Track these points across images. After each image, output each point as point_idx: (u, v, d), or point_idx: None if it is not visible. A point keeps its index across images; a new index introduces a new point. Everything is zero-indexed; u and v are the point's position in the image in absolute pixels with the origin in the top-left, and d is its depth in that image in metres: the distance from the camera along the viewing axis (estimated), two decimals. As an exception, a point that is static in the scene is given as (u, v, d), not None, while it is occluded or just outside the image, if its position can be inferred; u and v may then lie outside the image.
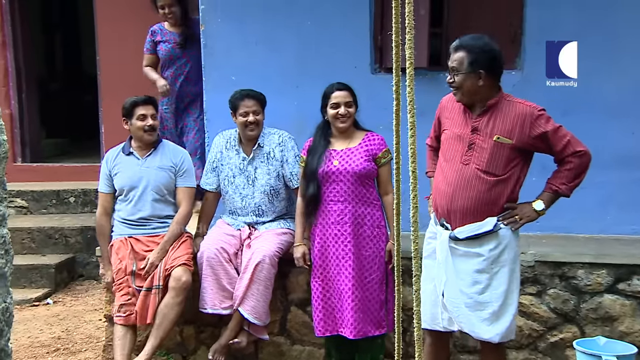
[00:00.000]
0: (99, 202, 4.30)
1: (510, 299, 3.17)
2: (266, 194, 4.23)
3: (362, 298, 3.81)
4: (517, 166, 3.15)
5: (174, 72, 5.19)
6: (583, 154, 3.12)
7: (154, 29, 5.27)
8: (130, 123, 4.17)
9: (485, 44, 3.10)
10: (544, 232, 4.58)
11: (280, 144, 4.24)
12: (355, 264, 3.81)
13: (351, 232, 3.82)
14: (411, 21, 1.55)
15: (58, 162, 7.29)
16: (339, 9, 4.70)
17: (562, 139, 3.10)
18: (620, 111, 4.45)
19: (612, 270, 4.06)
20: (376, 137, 3.90)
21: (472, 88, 3.10)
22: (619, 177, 4.46)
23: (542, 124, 3.09)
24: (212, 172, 4.35)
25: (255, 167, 4.24)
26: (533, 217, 3.18)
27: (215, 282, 4.07)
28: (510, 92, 4.46)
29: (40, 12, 9.35)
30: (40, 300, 5.43)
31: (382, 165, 3.87)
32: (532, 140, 3.10)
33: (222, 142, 4.35)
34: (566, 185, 3.16)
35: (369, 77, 4.65)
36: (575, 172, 3.13)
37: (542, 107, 3.16)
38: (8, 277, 1.47)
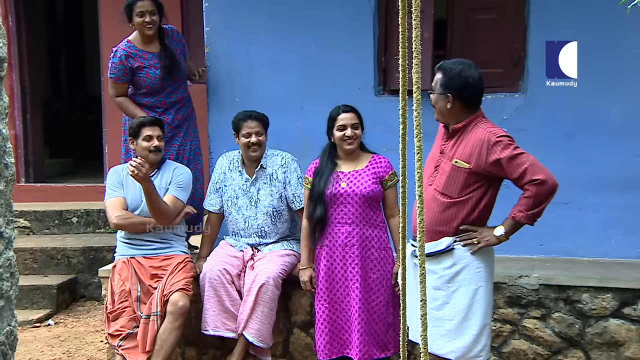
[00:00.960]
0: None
1: (472, 320, 3.13)
2: (269, 215, 4.23)
3: (368, 320, 3.80)
4: (477, 190, 3.13)
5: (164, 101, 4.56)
6: (541, 182, 3.01)
7: (127, 52, 4.49)
8: (136, 143, 4.19)
9: (462, 70, 3.12)
10: (547, 255, 4.57)
11: (283, 165, 4.25)
12: (362, 287, 3.80)
13: (359, 254, 3.82)
14: (418, 46, 1.55)
15: (61, 182, 7.30)
16: (343, 31, 4.73)
17: (518, 166, 3.03)
18: (624, 134, 4.45)
19: (617, 294, 4.04)
20: (382, 160, 3.91)
21: (442, 109, 3.18)
22: (624, 200, 4.45)
23: (497, 151, 3.04)
24: (215, 193, 4.36)
25: (258, 189, 4.24)
26: (492, 241, 3.14)
27: (217, 303, 4.05)
28: (513, 115, 4.54)
29: (46, 33, 9.43)
30: (41, 321, 5.40)
31: (388, 188, 3.88)
32: (489, 167, 3.07)
33: (225, 163, 4.37)
34: (523, 214, 3.07)
35: (372, 99, 4.67)
36: (533, 200, 3.03)
37: (506, 134, 3.10)
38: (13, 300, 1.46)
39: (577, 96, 4.49)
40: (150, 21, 4.46)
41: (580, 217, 4.53)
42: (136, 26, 4.52)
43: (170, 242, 4.26)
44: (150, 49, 4.55)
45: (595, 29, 4.38)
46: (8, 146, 1.52)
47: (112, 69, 4.55)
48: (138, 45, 4.54)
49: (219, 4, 4.83)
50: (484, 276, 3.17)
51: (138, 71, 4.51)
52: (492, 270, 3.24)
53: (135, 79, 4.54)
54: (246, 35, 4.83)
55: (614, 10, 3.07)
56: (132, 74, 4.53)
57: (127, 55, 4.50)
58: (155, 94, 4.55)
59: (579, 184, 4.51)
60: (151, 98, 4.55)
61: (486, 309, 3.17)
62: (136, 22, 4.49)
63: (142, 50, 4.53)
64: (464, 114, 3.15)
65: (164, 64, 4.50)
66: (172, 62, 4.53)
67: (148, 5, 4.47)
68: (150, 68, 4.51)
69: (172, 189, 4.21)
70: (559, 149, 4.52)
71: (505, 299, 4.19)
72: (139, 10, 4.46)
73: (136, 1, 4.47)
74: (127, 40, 4.57)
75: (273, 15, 4.80)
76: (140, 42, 4.55)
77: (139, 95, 4.58)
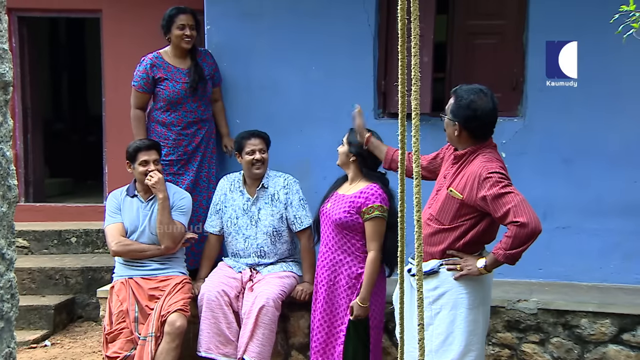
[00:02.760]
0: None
1: (452, 345, 3.10)
2: (269, 235, 4.24)
3: (324, 343, 3.79)
4: (468, 221, 3.09)
5: (181, 119, 4.54)
6: (522, 225, 2.90)
7: (152, 62, 4.52)
8: (133, 167, 4.21)
9: (472, 101, 3.07)
10: (546, 280, 4.57)
11: (285, 186, 4.28)
12: (324, 309, 3.80)
13: (326, 277, 3.80)
14: (417, 73, 1.58)
15: (61, 202, 7.29)
16: (343, 54, 4.77)
17: (502, 206, 2.94)
18: (623, 160, 4.47)
19: (616, 320, 4.03)
20: (369, 190, 3.68)
21: (450, 134, 3.19)
22: (623, 225, 4.46)
23: (485, 187, 2.98)
24: (215, 215, 4.37)
25: (259, 208, 4.26)
26: (474, 272, 3.08)
27: (213, 325, 4.04)
28: (511, 139, 4.57)
29: (49, 54, 9.50)
30: (38, 342, 5.36)
31: (366, 220, 3.66)
32: (478, 201, 3.02)
33: (226, 184, 4.39)
34: (502, 252, 2.97)
35: (372, 122, 4.68)
36: (512, 241, 2.93)
37: (499, 169, 3.01)
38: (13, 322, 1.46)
39: (575, 122, 4.53)
40: (189, 35, 4.50)
41: (579, 241, 4.54)
42: (174, 38, 4.52)
43: (169, 263, 4.27)
44: (177, 64, 4.57)
45: (593, 55, 4.43)
46: (11, 168, 1.53)
47: (136, 77, 4.57)
48: (167, 58, 4.57)
49: (221, 27, 4.88)
50: (467, 303, 3.11)
51: (159, 82, 4.52)
52: (479, 297, 3.16)
53: (156, 91, 4.55)
54: (247, 58, 4.87)
55: (611, 38, 3.11)
56: (154, 85, 4.53)
57: (152, 64, 4.53)
58: (173, 110, 4.54)
59: (578, 209, 4.53)
60: (169, 115, 4.55)
61: (468, 336, 3.10)
62: (175, 35, 4.51)
63: (168, 63, 4.56)
64: (471, 142, 3.13)
65: (192, 78, 4.50)
66: (199, 79, 4.54)
67: (189, 19, 4.51)
68: (172, 81, 4.52)
69: (174, 214, 4.23)
70: (557, 174, 4.55)
71: (504, 323, 4.19)
72: (180, 23, 4.49)
73: (178, 14, 4.51)
74: (157, 52, 4.60)
75: (274, 38, 4.85)
76: (170, 56, 4.58)
77: (157, 110, 4.59)
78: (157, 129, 4.60)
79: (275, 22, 4.83)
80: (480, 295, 3.16)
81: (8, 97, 1.53)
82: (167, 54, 4.61)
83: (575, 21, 4.45)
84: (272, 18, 4.84)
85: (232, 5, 4.87)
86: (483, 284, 3.18)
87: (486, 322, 3.29)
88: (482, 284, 3.17)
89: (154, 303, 4.07)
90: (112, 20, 6.56)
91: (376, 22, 4.74)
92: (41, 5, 6.69)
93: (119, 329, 4.00)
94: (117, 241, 4.16)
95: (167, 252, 4.20)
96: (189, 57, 4.59)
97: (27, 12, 6.71)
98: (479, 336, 3.16)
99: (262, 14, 4.84)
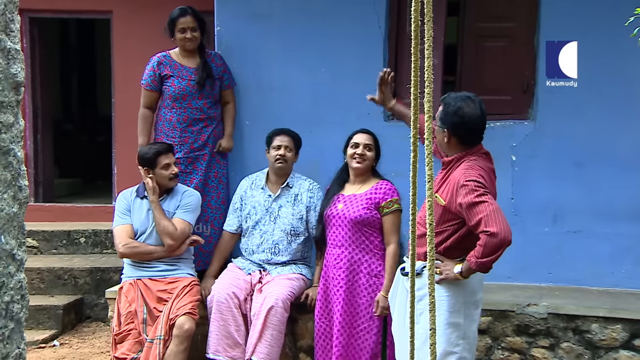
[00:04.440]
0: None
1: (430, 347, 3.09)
2: (286, 233, 4.26)
3: (347, 345, 3.79)
4: (452, 227, 3.10)
5: (186, 116, 4.58)
6: (491, 234, 2.89)
7: (159, 60, 4.61)
8: (153, 172, 4.19)
9: (459, 107, 3.09)
10: (556, 284, 4.54)
11: (310, 190, 4.32)
12: (345, 311, 3.81)
13: (344, 277, 3.82)
14: (430, 75, 1.56)
15: (70, 202, 7.31)
16: (353, 56, 4.76)
17: (475, 215, 2.94)
18: (635, 164, 4.44)
19: (627, 325, 4.00)
20: (384, 186, 3.87)
21: (440, 141, 3.20)
22: (634, 230, 4.43)
23: (461, 194, 2.99)
24: (233, 214, 4.43)
25: (280, 206, 4.29)
26: (450, 277, 3.08)
27: (222, 327, 4.04)
28: (522, 142, 4.55)
29: (59, 55, 9.53)
30: (46, 342, 5.37)
31: (385, 215, 3.82)
32: (457, 207, 3.03)
33: (247, 183, 4.45)
34: (475, 260, 2.97)
35: (381, 124, 4.68)
36: (483, 249, 2.93)
37: (476, 178, 2.99)
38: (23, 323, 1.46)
39: (587, 125, 4.50)
40: (191, 37, 4.55)
41: (590, 246, 4.51)
42: (177, 41, 4.61)
43: (177, 264, 4.26)
44: (185, 63, 4.63)
45: (604, 58, 4.40)
46: (22, 169, 1.53)
47: (144, 75, 4.65)
48: (175, 57, 4.65)
49: (231, 28, 4.88)
50: (447, 306, 3.10)
51: (166, 79, 4.59)
52: (460, 302, 3.14)
53: (163, 88, 4.61)
54: (257, 59, 4.87)
55: (625, 40, 3.08)
56: (160, 82, 4.60)
57: (159, 62, 4.61)
58: (178, 107, 4.58)
59: (588, 213, 4.50)
60: (175, 112, 4.59)
61: (448, 338, 3.10)
62: (178, 38, 4.59)
63: (175, 62, 4.62)
64: (460, 148, 3.15)
65: (200, 75, 4.56)
66: (207, 76, 4.58)
67: (190, 22, 4.56)
68: (177, 78, 4.58)
69: (179, 211, 4.23)
70: (568, 177, 4.53)
71: (514, 328, 4.16)
72: (180, 27, 4.55)
73: (178, 17, 4.56)
74: (166, 51, 4.68)
75: (284, 39, 4.84)
76: (178, 56, 4.65)
77: (164, 108, 4.64)
78: (164, 127, 4.63)
79: (285, 23, 4.83)
80: (461, 299, 3.15)
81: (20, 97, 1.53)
82: (176, 53, 4.67)
83: (587, 23, 4.42)
84: (282, 19, 4.83)
85: (242, 6, 4.87)
86: (465, 288, 3.16)
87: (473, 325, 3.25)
88: (464, 288, 3.16)
89: (162, 305, 4.07)
90: (122, 21, 6.57)
91: (386, 24, 4.73)
92: (52, 6, 6.71)
93: (127, 330, 4.00)
94: (124, 243, 4.16)
95: (171, 250, 4.18)
96: (198, 55, 4.64)
97: (38, 13, 6.74)
98: (462, 339, 3.14)
99: (272, 15, 4.84)
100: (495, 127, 4.60)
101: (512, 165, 4.59)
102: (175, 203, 4.26)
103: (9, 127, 1.52)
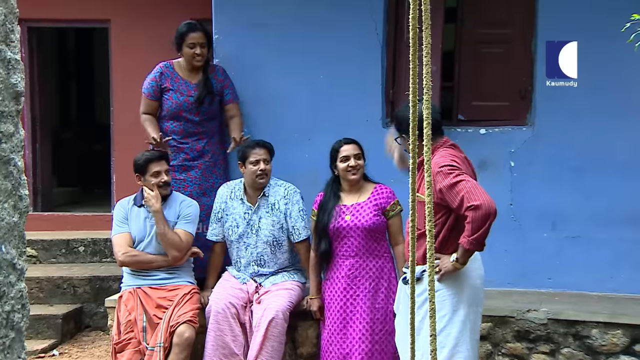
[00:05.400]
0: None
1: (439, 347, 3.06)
2: (269, 244, 4.24)
3: (371, 351, 3.79)
4: (441, 218, 3.16)
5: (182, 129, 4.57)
6: (476, 207, 2.99)
7: (162, 71, 4.59)
8: (143, 179, 4.21)
9: (402, 110, 3.23)
10: (556, 289, 4.54)
11: (285, 196, 4.26)
12: (369, 318, 3.81)
13: (368, 286, 3.84)
14: (429, 82, 1.57)
15: (69, 211, 7.30)
16: (351, 63, 4.78)
17: (456, 194, 3.05)
18: (634, 169, 4.45)
19: (627, 330, 3.99)
20: (385, 190, 3.93)
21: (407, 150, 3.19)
22: (633, 235, 4.43)
23: (439, 180, 3.08)
24: (216, 223, 4.36)
25: (260, 217, 4.25)
26: (449, 268, 3.15)
27: (218, 337, 4.03)
28: (520, 148, 4.56)
29: (57, 64, 9.54)
30: (46, 351, 5.36)
31: (391, 217, 3.90)
32: (439, 195, 3.10)
33: (226, 192, 4.37)
34: (466, 239, 3.04)
35: (380, 130, 4.68)
36: (472, 225, 3.00)
37: (449, 163, 3.11)
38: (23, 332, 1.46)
39: (585, 130, 4.51)
40: (200, 53, 4.51)
41: (589, 251, 4.52)
42: (185, 56, 4.55)
43: (177, 272, 4.26)
44: (187, 77, 4.60)
45: (602, 64, 4.42)
46: (23, 178, 1.54)
47: (146, 83, 4.62)
48: (178, 69, 4.61)
49: (229, 36, 4.89)
50: (451, 304, 3.15)
51: (165, 92, 4.57)
52: (462, 299, 3.18)
53: (162, 100, 4.60)
54: (255, 68, 4.88)
55: (622, 46, 3.10)
56: (161, 93, 4.58)
57: (161, 73, 4.58)
58: (175, 120, 4.57)
59: (587, 218, 4.50)
60: (171, 124, 4.58)
61: (457, 337, 3.13)
62: (186, 53, 4.53)
63: (177, 74, 4.59)
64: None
65: (199, 92, 4.52)
66: (206, 95, 4.54)
67: (200, 38, 4.51)
68: (176, 92, 4.55)
69: (181, 223, 4.23)
70: (567, 183, 4.53)
71: (514, 333, 4.15)
72: (190, 42, 4.49)
73: (189, 32, 4.50)
74: (170, 61, 4.64)
75: (282, 47, 4.85)
76: (181, 68, 4.62)
77: (162, 118, 4.63)
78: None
79: (283, 31, 4.84)
80: (463, 296, 3.18)
81: (20, 107, 1.53)
82: (180, 65, 4.64)
83: (584, 29, 4.44)
84: (280, 27, 4.84)
85: (240, 15, 4.88)
86: (465, 285, 3.20)
87: (476, 324, 3.27)
88: (465, 285, 3.19)
89: (162, 312, 4.07)
90: (120, 30, 6.59)
91: (384, 31, 4.74)
92: (51, 16, 6.72)
93: (127, 339, 3.99)
94: (123, 251, 4.16)
95: (175, 262, 4.19)
96: (201, 71, 4.61)
97: (37, 23, 6.75)
98: (467, 337, 3.16)
99: (270, 23, 4.85)
100: (494, 133, 4.61)
101: (511, 171, 4.60)
102: (174, 212, 4.26)
103: (9, 136, 1.52)
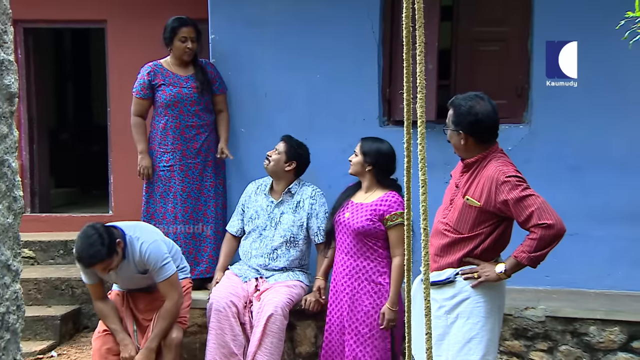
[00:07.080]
0: None
1: (470, 354, 3.06)
2: (285, 239, 4.27)
3: (359, 351, 3.77)
4: (488, 227, 3.06)
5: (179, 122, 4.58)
6: (548, 227, 2.90)
7: (150, 69, 4.60)
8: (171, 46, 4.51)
9: (471, 106, 3.07)
10: (554, 287, 4.55)
11: (312, 197, 4.31)
12: (350, 317, 3.80)
13: (349, 284, 3.81)
14: (422, 80, 1.57)
15: (67, 212, 7.29)
16: (348, 62, 4.78)
17: (525, 209, 2.92)
18: (631, 166, 4.45)
19: (625, 327, 4.00)
20: (390, 198, 3.77)
21: (457, 145, 3.16)
22: (631, 232, 4.44)
23: (505, 191, 2.95)
24: (237, 216, 4.46)
25: (282, 212, 4.30)
26: (492, 277, 3.04)
27: (218, 336, 4.03)
28: (517, 146, 4.56)
29: (54, 64, 9.53)
30: (44, 353, 5.35)
31: (390, 228, 3.74)
32: (499, 205, 2.99)
33: (253, 188, 4.48)
34: (526, 255, 2.95)
35: (377, 129, 4.68)
36: (537, 243, 2.91)
37: (516, 173, 3.00)
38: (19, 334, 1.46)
39: (582, 128, 4.51)
40: (191, 47, 4.59)
41: (587, 248, 4.52)
42: (175, 51, 4.61)
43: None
44: (177, 71, 4.65)
45: (599, 61, 4.42)
46: (17, 179, 1.53)
47: (136, 83, 4.66)
48: (166, 66, 4.65)
49: (225, 36, 4.89)
50: (484, 311, 3.07)
51: (157, 88, 4.60)
52: (497, 306, 3.14)
53: (155, 97, 4.62)
54: (252, 66, 4.88)
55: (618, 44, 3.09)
56: (152, 91, 4.61)
57: (150, 71, 4.62)
58: (170, 115, 4.59)
59: (585, 216, 4.50)
60: (167, 120, 4.60)
61: (486, 345, 3.07)
62: (177, 47, 4.60)
63: (167, 70, 4.64)
64: (479, 148, 3.11)
65: (200, 81, 4.59)
66: (205, 82, 4.61)
67: (191, 32, 4.60)
68: (169, 86, 4.59)
69: (156, 277, 3.81)
70: (564, 180, 4.53)
71: (512, 331, 4.16)
72: (182, 36, 4.57)
73: (181, 26, 4.59)
74: (157, 61, 4.68)
75: (278, 46, 4.85)
76: (170, 64, 4.66)
77: (157, 117, 4.65)
78: (157, 135, 4.65)
79: (280, 29, 4.84)
80: (497, 303, 3.13)
81: (14, 108, 1.53)
82: (167, 62, 4.68)
83: (581, 27, 4.44)
84: (276, 26, 4.84)
85: (236, 13, 4.88)
86: (500, 292, 3.15)
87: (500, 330, 3.26)
88: (499, 291, 3.15)
89: (151, 313, 3.96)
90: (117, 31, 6.57)
91: (380, 30, 4.74)
92: (47, 17, 6.70)
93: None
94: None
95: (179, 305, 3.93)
96: (191, 64, 4.67)
97: (33, 24, 6.73)
98: (495, 345, 3.15)
99: (266, 22, 4.85)
100: (491, 131, 4.60)
101: (508, 169, 4.60)
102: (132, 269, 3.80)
103: (3, 138, 1.52)
